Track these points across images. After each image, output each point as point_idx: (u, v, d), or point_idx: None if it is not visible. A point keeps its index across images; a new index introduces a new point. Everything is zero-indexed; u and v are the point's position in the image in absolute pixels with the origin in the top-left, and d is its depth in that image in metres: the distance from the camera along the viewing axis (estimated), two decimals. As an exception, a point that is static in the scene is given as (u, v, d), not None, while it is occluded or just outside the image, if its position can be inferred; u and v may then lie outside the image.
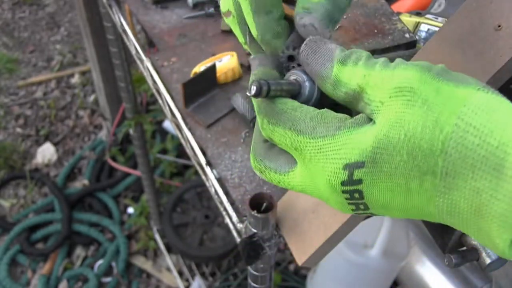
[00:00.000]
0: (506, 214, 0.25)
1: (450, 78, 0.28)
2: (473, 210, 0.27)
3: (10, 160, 2.16)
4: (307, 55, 0.33)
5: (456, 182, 0.27)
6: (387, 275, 1.43)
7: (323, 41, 0.33)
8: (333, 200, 0.32)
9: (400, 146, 0.28)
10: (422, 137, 0.27)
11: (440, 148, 0.27)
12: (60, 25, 2.90)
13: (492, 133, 0.25)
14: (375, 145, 0.29)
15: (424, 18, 0.75)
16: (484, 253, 0.42)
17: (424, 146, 0.27)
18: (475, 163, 0.26)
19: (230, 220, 0.65)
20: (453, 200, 0.27)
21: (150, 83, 0.87)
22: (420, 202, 0.29)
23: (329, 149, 0.30)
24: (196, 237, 1.74)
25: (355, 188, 0.30)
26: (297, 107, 0.33)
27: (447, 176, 0.27)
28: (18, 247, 1.84)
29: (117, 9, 1.01)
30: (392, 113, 0.28)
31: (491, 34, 0.38)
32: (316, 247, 0.52)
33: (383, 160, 0.28)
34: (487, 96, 0.27)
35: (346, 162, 0.30)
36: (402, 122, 0.28)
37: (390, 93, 0.29)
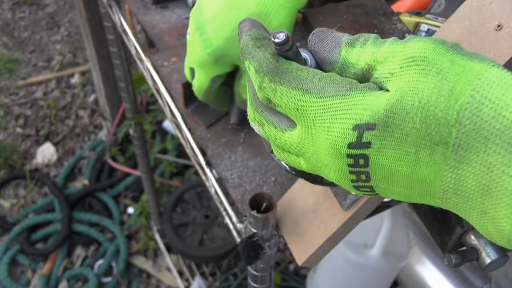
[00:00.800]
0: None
1: (464, 52, 0.28)
2: (481, 188, 0.26)
3: (10, 160, 2.16)
4: (315, 43, 0.33)
5: (467, 156, 0.26)
6: (387, 275, 1.43)
7: (330, 31, 0.33)
8: (333, 167, 0.31)
9: (414, 112, 0.27)
10: (437, 105, 0.26)
11: (455, 118, 0.26)
12: (60, 25, 2.90)
13: (508, 107, 0.25)
14: (388, 108, 0.28)
15: (424, 18, 0.75)
16: (484, 253, 0.42)
17: (439, 114, 0.26)
18: (489, 136, 0.25)
19: (230, 220, 0.65)
20: (462, 176, 0.26)
21: (150, 83, 0.87)
22: (427, 175, 0.28)
23: (339, 108, 0.29)
24: (196, 237, 1.74)
25: (362, 152, 0.29)
26: (303, 68, 0.32)
27: (459, 148, 0.26)
28: (18, 247, 1.84)
29: (117, 9, 1.01)
30: (405, 81, 0.28)
31: (491, 34, 0.38)
32: (316, 247, 0.52)
33: (395, 125, 0.27)
34: (502, 73, 0.26)
35: (356, 123, 0.28)
36: (416, 90, 0.27)
37: (401, 64, 0.28)
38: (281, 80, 0.31)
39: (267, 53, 0.32)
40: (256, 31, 0.34)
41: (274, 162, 0.68)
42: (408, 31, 0.68)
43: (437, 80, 0.27)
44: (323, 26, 0.72)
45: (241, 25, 0.35)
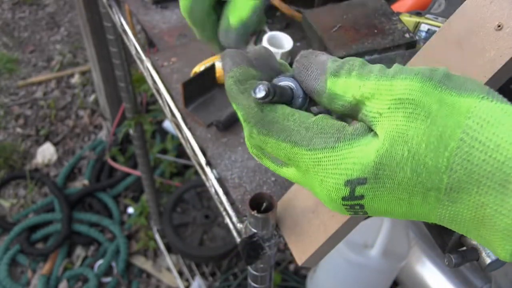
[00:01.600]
0: (510, 228, 0.25)
1: (453, 85, 0.27)
2: (476, 220, 0.26)
3: (10, 160, 2.16)
4: (300, 72, 0.32)
5: (460, 196, 0.26)
6: (387, 275, 1.43)
7: (314, 54, 0.32)
8: (331, 206, 0.31)
9: (404, 162, 0.27)
10: (427, 154, 0.26)
11: (445, 165, 0.26)
12: (60, 25, 2.90)
13: (498, 148, 0.25)
14: (377, 161, 0.27)
15: (424, 18, 0.75)
16: (484, 253, 0.42)
17: (429, 163, 0.26)
18: (480, 179, 0.25)
19: (230, 220, 0.65)
20: (456, 211, 0.27)
21: (150, 83, 0.87)
22: (422, 212, 0.28)
23: (329, 163, 0.29)
24: (196, 237, 1.74)
25: (357, 202, 0.29)
26: (288, 115, 0.31)
27: (451, 191, 0.26)
28: (18, 247, 1.84)
29: (117, 9, 1.01)
30: (393, 126, 0.27)
31: (491, 34, 0.38)
32: (316, 247, 0.52)
33: (386, 176, 0.28)
34: (492, 106, 0.26)
35: (347, 178, 0.29)
36: (405, 137, 0.27)
37: (389, 105, 0.28)
38: (269, 133, 0.31)
39: (250, 101, 0.32)
40: (238, 71, 0.33)
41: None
42: (408, 31, 0.69)
43: (426, 126, 0.26)
44: (323, 26, 0.72)
45: (222, 62, 0.35)
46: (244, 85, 0.33)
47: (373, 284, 1.44)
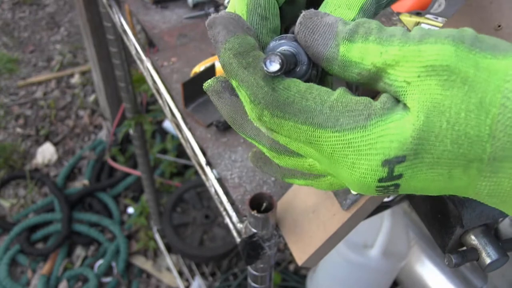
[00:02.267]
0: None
1: (486, 47, 0.25)
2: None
3: (10, 160, 2.16)
4: (304, 37, 0.28)
5: (502, 165, 0.25)
6: (387, 275, 1.43)
7: (319, 15, 0.28)
8: (362, 190, 0.29)
9: (443, 134, 0.25)
10: (467, 123, 0.24)
11: (488, 133, 0.24)
12: (60, 25, 2.90)
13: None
14: (415, 135, 0.25)
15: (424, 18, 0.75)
16: (484, 253, 0.42)
17: (470, 132, 0.24)
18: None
19: (230, 220, 0.65)
20: (497, 182, 0.25)
21: (150, 83, 0.87)
22: (460, 186, 0.27)
23: (362, 143, 0.26)
24: (196, 237, 1.74)
25: (393, 183, 0.27)
26: (305, 92, 0.27)
27: (494, 160, 0.25)
28: (18, 247, 1.84)
29: (117, 9, 1.01)
30: (426, 96, 0.25)
31: (491, 34, 0.38)
32: (316, 247, 0.52)
33: (425, 151, 0.25)
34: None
35: (385, 158, 0.26)
36: (441, 107, 0.25)
37: (419, 72, 0.25)
38: (285, 115, 0.28)
39: (258, 78, 0.28)
40: (236, 42, 0.29)
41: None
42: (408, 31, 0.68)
43: (463, 93, 0.25)
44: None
45: (213, 31, 0.30)
46: (246, 59, 0.28)
47: (373, 284, 1.44)
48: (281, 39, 0.30)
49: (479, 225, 0.43)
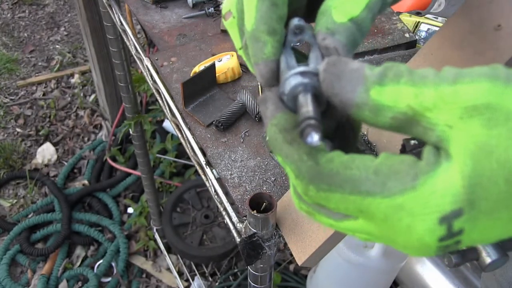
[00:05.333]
0: None
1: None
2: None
3: (10, 160, 2.16)
4: (332, 84, 0.27)
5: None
6: (387, 275, 1.43)
7: (343, 62, 0.28)
8: (423, 253, 0.27)
9: (495, 176, 0.24)
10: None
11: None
12: (60, 25, 2.90)
13: None
14: (466, 184, 0.24)
15: (424, 18, 0.75)
16: (484, 253, 0.42)
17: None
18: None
19: (230, 220, 0.65)
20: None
21: (150, 83, 0.87)
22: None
23: (414, 204, 0.25)
24: (196, 237, 1.74)
25: (455, 240, 0.25)
26: (348, 162, 0.27)
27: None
28: (18, 247, 1.84)
29: (117, 9, 1.01)
30: (469, 139, 0.24)
31: (491, 34, 0.38)
32: (316, 247, 0.52)
33: (480, 198, 0.24)
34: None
35: (441, 215, 0.25)
36: (488, 148, 0.24)
37: (461, 114, 0.24)
38: (331, 187, 0.27)
39: (301, 153, 0.28)
40: (283, 117, 0.29)
41: (274, 162, 0.68)
42: (408, 31, 0.68)
43: (508, 129, 0.24)
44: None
45: (262, 106, 0.31)
46: (291, 135, 0.28)
47: (373, 284, 1.44)
48: (303, 75, 0.29)
49: (479, 225, 0.43)
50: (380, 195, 0.26)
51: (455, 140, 0.25)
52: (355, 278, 1.40)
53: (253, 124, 0.76)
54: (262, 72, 0.33)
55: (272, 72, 0.33)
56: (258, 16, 0.33)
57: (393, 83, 0.26)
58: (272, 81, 0.33)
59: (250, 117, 0.77)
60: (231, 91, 0.82)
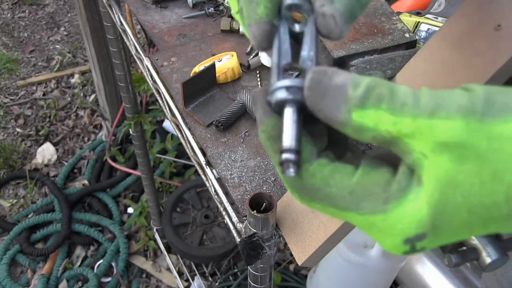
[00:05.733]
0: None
1: (496, 111, 0.25)
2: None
3: (10, 160, 2.16)
4: (315, 102, 0.28)
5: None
6: (387, 275, 1.43)
7: (328, 76, 0.28)
8: (391, 252, 0.31)
9: (459, 207, 0.26)
10: (482, 193, 0.25)
11: (504, 199, 0.25)
12: (60, 25, 2.90)
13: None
14: (431, 212, 0.26)
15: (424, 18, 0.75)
16: (485, 253, 0.42)
17: (486, 201, 0.25)
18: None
19: (230, 220, 0.65)
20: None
21: (150, 83, 0.87)
22: (481, 233, 0.28)
23: (382, 225, 0.28)
24: (196, 237, 1.74)
25: (419, 251, 0.29)
26: (328, 178, 0.29)
27: (510, 218, 0.26)
28: (18, 247, 1.84)
29: (117, 9, 1.01)
30: (440, 172, 0.26)
31: (491, 34, 0.38)
32: (316, 247, 0.52)
33: (443, 224, 0.27)
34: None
35: (405, 237, 0.28)
36: (455, 182, 0.25)
37: (433, 147, 0.26)
38: (314, 199, 0.30)
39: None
40: (270, 125, 0.30)
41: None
42: (408, 31, 0.68)
43: (477, 166, 0.25)
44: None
45: (253, 107, 0.32)
46: (277, 143, 0.30)
47: (373, 284, 1.44)
48: (289, 90, 0.29)
49: (479, 225, 0.43)
50: (354, 212, 0.29)
51: (426, 170, 0.26)
52: (355, 278, 1.40)
53: (253, 124, 0.76)
54: (255, 34, 0.33)
55: (265, 33, 0.33)
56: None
57: (374, 108, 0.26)
58: (264, 43, 0.33)
59: (250, 117, 0.77)
60: (231, 91, 0.82)
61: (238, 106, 0.76)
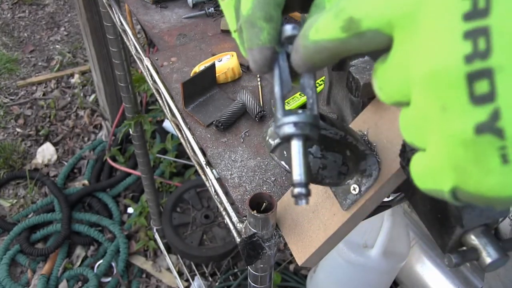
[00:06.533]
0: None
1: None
2: None
3: (10, 160, 2.16)
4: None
5: None
6: (387, 275, 1.43)
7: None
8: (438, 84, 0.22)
9: None
10: None
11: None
12: (60, 25, 2.90)
13: None
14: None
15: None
16: (485, 253, 0.42)
17: None
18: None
19: (230, 220, 0.65)
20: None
21: (150, 83, 0.86)
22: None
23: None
24: (196, 237, 1.74)
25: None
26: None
27: None
28: (18, 247, 1.84)
29: (117, 9, 1.01)
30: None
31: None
32: (316, 247, 0.52)
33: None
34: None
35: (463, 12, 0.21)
36: None
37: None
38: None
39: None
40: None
41: (274, 162, 0.68)
42: None
43: None
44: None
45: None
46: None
47: (373, 284, 1.44)
48: (296, 125, 0.32)
49: (479, 225, 0.43)
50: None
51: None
52: (355, 278, 1.40)
53: (253, 124, 0.76)
54: (256, 58, 0.33)
55: (266, 59, 0.33)
56: (255, 1, 0.32)
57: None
58: (265, 69, 0.33)
59: (250, 117, 0.77)
60: (231, 91, 0.82)
61: (238, 106, 0.76)
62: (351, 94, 0.55)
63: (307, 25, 0.29)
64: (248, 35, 0.33)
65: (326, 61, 0.29)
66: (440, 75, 0.21)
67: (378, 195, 0.48)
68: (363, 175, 0.47)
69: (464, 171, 0.22)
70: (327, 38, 0.27)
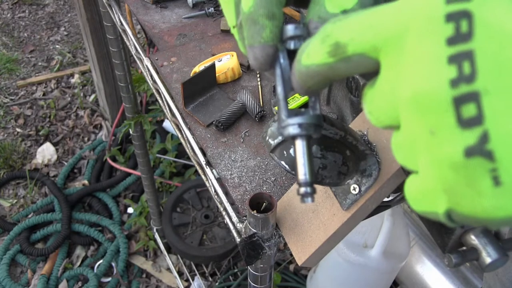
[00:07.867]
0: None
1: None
2: None
3: (10, 160, 2.16)
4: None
5: None
6: (387, 275, 1.43)
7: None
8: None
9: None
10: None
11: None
12: (60, 25, 2.90)
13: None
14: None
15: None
16: (485, 253, 0.42)
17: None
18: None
19: (230, 220, 0.65)
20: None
21: (150, 82, 0.86)
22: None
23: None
24: (196, 237, 1.74)
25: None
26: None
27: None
28: (18, 247, 1.84)
29: (117, 9, 1.01)
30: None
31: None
32: (316, 247, 0.52)
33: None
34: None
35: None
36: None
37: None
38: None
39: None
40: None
41: (274, 162, 0.68)
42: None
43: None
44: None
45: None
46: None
47: (373, 284, 1.44)
48: (301, 126, 0.33)
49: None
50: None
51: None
52: (355, 278, 1.40)
53: (253, 124, 0.76)
54: (257, 56, 0.33)
55: (268, 57, 0.33)
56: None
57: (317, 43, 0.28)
58: (266, 67, 0.33)
59: (250, 117, 0.77)
60: (231, 91, 0.82)
61: (238, 106, 0.76)
62: (351, 94, 0.55)
63: (301, 50, 0.29)
64: (249, 32, 0.33)
65: (320, 85, 0.29)
66: (426, 100, 0.22)
67: (378, 195, 0.48)
68: (363, 175, 0.47)
69: (457, 194, 0.22)
70: (316, 63, 0.27)
